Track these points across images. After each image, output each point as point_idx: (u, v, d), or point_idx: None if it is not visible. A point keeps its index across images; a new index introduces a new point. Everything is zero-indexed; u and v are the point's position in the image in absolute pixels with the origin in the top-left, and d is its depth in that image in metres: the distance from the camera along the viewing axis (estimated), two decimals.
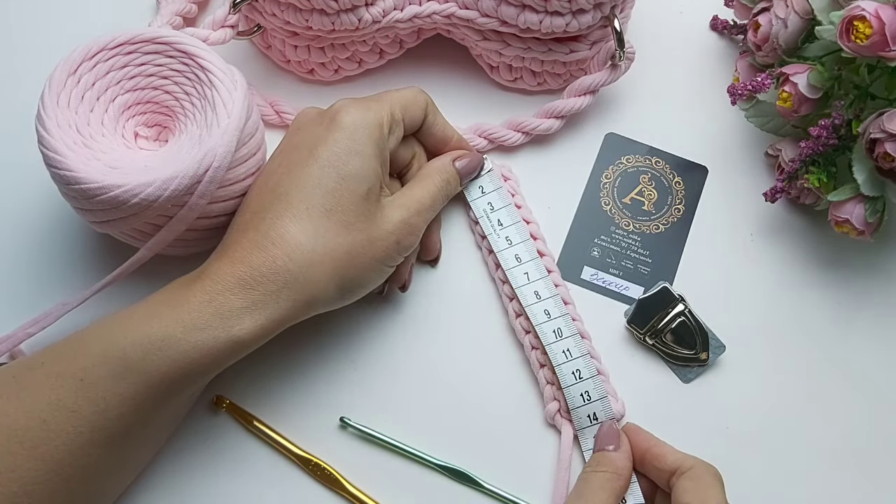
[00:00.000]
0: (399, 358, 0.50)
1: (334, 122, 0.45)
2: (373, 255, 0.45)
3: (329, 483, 0.47)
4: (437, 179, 0.49)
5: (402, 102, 0.48)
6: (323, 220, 0.43)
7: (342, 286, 0.44)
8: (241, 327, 0.41)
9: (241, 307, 0.41)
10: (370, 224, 0.44)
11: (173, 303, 0.42)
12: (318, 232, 0.43)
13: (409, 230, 0.46)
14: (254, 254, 0.42)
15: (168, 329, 0.41)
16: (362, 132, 0.45)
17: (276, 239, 0.42)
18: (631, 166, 0.55)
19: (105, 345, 0.41)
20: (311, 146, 0.45)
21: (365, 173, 0.44)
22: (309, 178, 0.44)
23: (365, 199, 0.44)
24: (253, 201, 0.45)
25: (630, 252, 0.53)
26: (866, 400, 0.50)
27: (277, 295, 0.42)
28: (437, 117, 0.51)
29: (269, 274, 0.42)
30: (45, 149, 0.44)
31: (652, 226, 0.53)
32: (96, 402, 0.40)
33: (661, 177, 0.55)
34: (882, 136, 0.45)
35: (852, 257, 0.53)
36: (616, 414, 0.48)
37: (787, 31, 0.49)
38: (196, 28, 0.52)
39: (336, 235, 0.43)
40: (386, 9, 0.52)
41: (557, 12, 0.51)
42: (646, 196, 0.54)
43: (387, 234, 0.45)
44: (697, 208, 0.54)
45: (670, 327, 0.50)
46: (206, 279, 0.42)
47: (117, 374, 0.40)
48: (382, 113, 0.46)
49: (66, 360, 0.41)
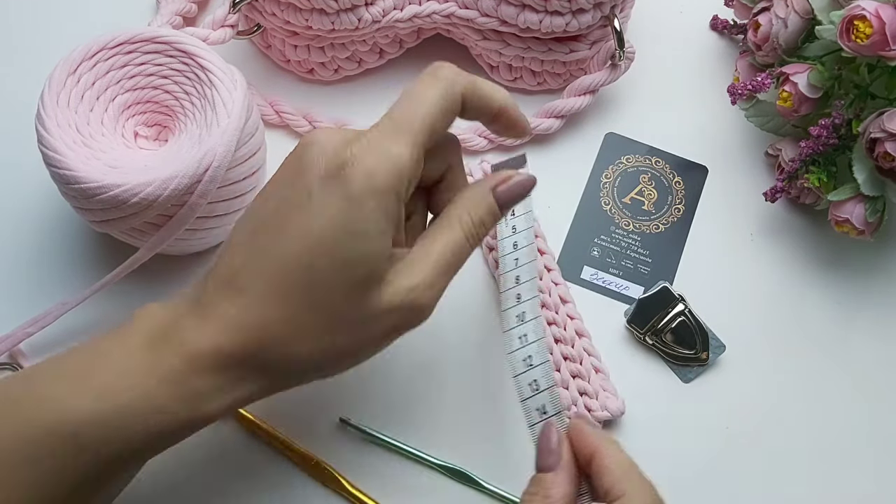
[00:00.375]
0: (399, 358, 0.50)
1: (340, 182, 0.35)
2: (364, 351, 0.39)
3: (329, 483, 0.47)
4: (465, 222, 0.39)
5: (431, 123, 0.37)
6: (306, 316, 0.36)
7: (327, 374, 0.39)
8: (209, 408, 0.36)
9: (212, 389, 0.36)
10: (363, 317, 0.36)
11: (135, 373, 0.35)
12: (299, 329, 0.36)
13: (414, 314, 0.38)
14: (233, 335, 0.36)
15: (130, 407, 0.35)
16: (373, 203, 0.35)
17: (256, 326, 0.36)
18: (631, 166, 0.55)
19: (54, 416, 0.35)
20: (307, 209, 0.35)
21: (367, 258, 0.36)
22: (295, 257, 0.35)
23: (362, 286, 0.36)
24: (238, 250, 0.37)
25: (630, 252, 0.53)
26: (866, 399, 0.50)
27: (254, 377, 0.37)
28: (477, 89, 0.39)
29: (248, 359, 0.36)
30: (44, 148, 0.44)
31: (652, 225, 0.53)
32: (37, 483, 0.35)
33: (661, 176, 0.55)
34: (882, 135, 0.45)
35: (852, 257, 0.53)
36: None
37: (787, 30, 0.49)
38: (196, 28, 0.52)
39: (321, 335, 0.36)
40: (386, 8, 0.52)
41: (557, 12, 0.51)
42: (646, 196, 0.54)
43: (382, 331, 0.38)
44: (697, 208, 0.54)
45: (670, 327, 0.50)
46: (179, 353, 0.36)
47: (66, 454, 0.35)
48: (404, 160, 0.36)
49: (4, 427, 0.35)
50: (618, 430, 0.49)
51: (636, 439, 0.48)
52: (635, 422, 0.48)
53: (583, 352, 0.49)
